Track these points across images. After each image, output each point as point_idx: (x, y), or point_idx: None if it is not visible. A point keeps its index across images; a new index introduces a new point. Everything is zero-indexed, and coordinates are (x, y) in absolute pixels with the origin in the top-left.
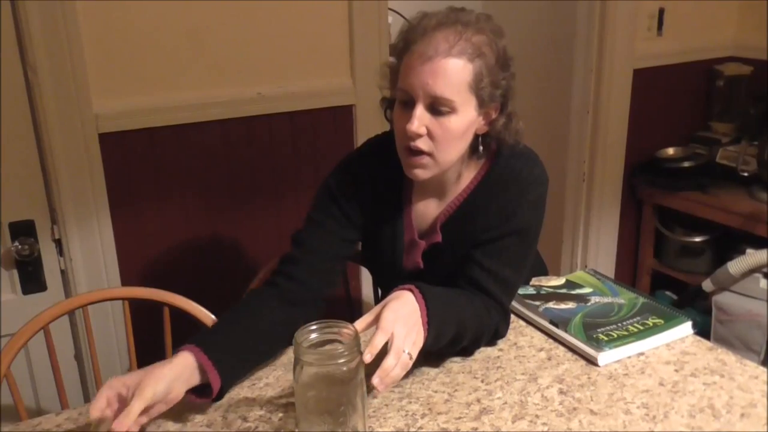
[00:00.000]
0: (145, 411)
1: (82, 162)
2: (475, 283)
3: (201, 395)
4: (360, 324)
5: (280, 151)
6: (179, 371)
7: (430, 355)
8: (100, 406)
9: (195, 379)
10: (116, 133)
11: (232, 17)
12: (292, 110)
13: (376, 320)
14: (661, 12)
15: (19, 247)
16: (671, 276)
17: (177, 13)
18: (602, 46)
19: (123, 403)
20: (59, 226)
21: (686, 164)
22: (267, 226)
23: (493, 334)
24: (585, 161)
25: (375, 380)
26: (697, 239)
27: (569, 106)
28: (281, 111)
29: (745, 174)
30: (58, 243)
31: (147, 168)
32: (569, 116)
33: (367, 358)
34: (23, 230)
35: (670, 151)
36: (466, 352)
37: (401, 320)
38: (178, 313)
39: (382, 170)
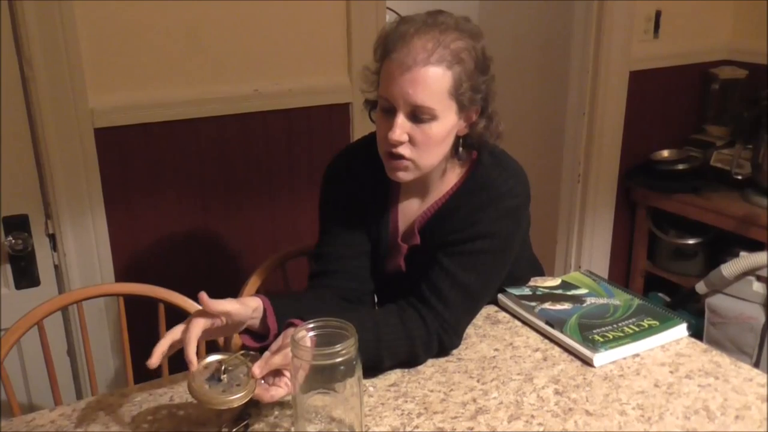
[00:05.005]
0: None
1: (77, 157)
2: (431, 285)
3: (257, 341)
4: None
5: (276, 148)
6: (248, 303)
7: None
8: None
9: (258, 314)
10: (112, 128)
11: (229, 14)
12: (288, 107)
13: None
14: (658, 15)
15: (13, 241)
16: (664, 278)
17: (174, 9)
18: (598, 48)
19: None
20: (53, 220)
21: (680, 167)
22: (262, 222)
23: (438, 345)
24: (580, 162)
25: (257, 368)
26: (691, 242)
27: (565, 107)
28: (277, 108)
29: (739, 177)
30: (52, 238)
31: (142, 163)
32: (565, 117)
33: (257, 371)
34: (17, 225)
35: (665, 153)
36: (408, 365)
37: None
38: (173, 310)
39: (369, 170)
